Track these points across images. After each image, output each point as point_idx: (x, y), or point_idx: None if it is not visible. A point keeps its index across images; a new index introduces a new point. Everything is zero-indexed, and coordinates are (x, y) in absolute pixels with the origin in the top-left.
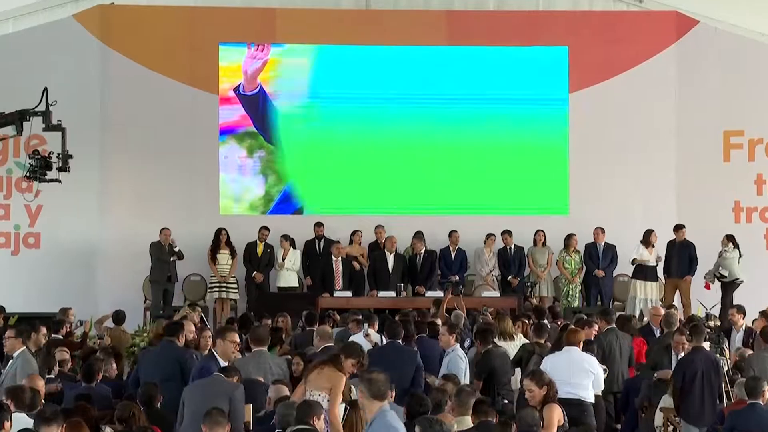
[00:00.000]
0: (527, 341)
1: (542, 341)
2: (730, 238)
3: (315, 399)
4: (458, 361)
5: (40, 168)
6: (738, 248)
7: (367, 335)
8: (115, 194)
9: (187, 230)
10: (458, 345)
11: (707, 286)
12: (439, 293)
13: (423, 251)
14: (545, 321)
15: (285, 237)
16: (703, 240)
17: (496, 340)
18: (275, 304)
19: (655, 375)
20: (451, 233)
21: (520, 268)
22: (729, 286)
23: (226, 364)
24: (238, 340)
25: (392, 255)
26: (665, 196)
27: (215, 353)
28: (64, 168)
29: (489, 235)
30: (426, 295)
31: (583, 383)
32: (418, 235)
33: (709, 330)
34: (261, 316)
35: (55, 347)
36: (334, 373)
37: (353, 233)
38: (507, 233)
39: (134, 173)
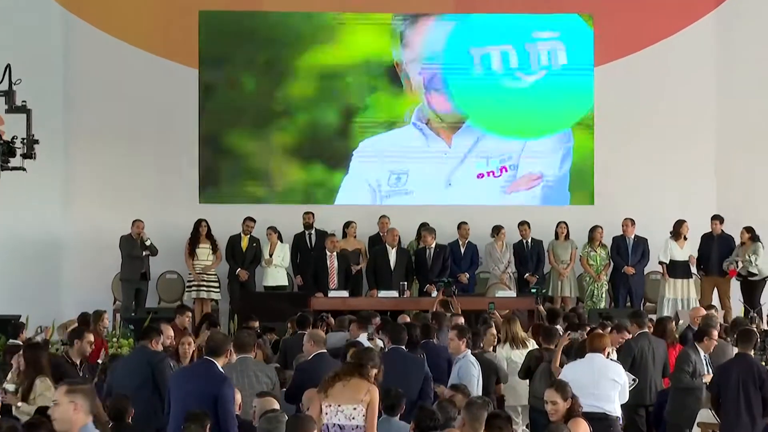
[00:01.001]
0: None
1: (552, 347)
2: (749, 230)
3: (346, 413)
4: (470, 369)
5: (2, 155)
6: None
7: (371, 339)
8: (80, 182)
9: (163, 222)
10: (469, 351)
11: (733, 273)
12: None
13: (434, 246)
14: (558, 325)
15: (273, 229)
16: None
17: (500, 346)
18: (262, 305)
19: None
20: (461, 225)
21: (538, 264)
22: (759, 284)
23: None
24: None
25: (394, 250)
26: (704, 183)
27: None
28: (29, 154)
29: (496, 228)
30: (433, 295)
31: (608, 394)
32: (428, 228)
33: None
34: (247, 318)
35: (12, 354)
36: (365, 384)
37: (347, 225)
38: (524, 225)
39: (102, 158)
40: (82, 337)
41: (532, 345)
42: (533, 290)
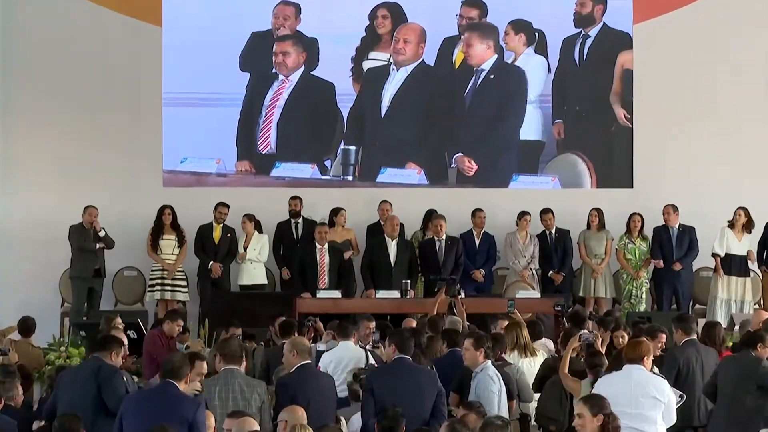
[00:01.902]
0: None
1: (573, 355)
2: None
3: None
4: (489, 384)
5: None
6: None
7: (377, 347)
8: (19, 161)
9: (120, 208)
10: (489, 362)
11: None
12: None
13: (444, 237)
14: (588, 330)
15: (248, 217)
16: None
17: (507, 354)
18: (237, 307)
19: None
20: (475, 213)
21: (564, 260)
22: None
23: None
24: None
25: (395, 242)
26: (763, 162)
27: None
28: None
29: (522, 215)
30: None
31: (648, 415)
32: (440, 216)
33: None
34: (228, 323)
35: None
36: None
37: (335, 212)
38: (548, 213)
39: (48, 134)
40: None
41: (544, 354)
42: (558, 307)
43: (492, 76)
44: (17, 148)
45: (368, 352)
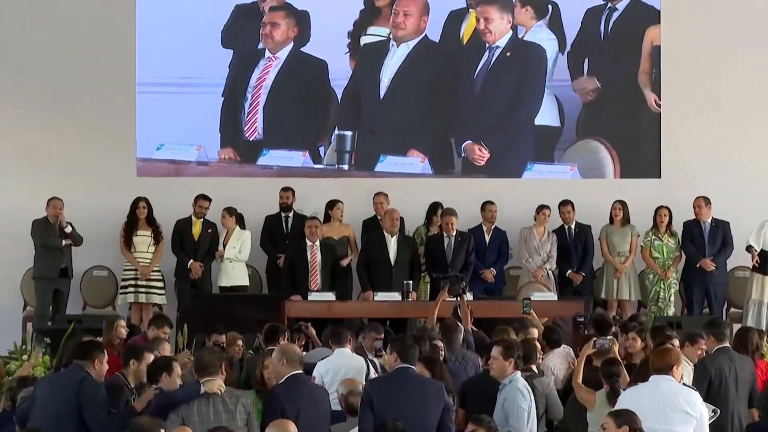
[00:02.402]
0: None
1: (597, 365)
2: None
3: None
4: (518, 398)
5: None
6: None
7: (380, 355)
8: None
9: (89, 200)
10: (518, 374)
11: None
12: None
13: (454, 233)
14: (611, 336)
15: (229, 211)
16: None
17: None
18: (219, 311)
19: None
20: (485, 206)
21: (585, 257)
22: None
23: None
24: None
25: (394, 238)
26: None
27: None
28: None
29: (541, 208)
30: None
31: (679, 431)
32: (451, 211)
33: None
34: (210, 329)
35: None
36: None
37: (330, 205)
38: (567, 205)
39: (10, 119)
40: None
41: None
42: (580, 318)
43: (508, 54)
44: None
45: (369, 362)
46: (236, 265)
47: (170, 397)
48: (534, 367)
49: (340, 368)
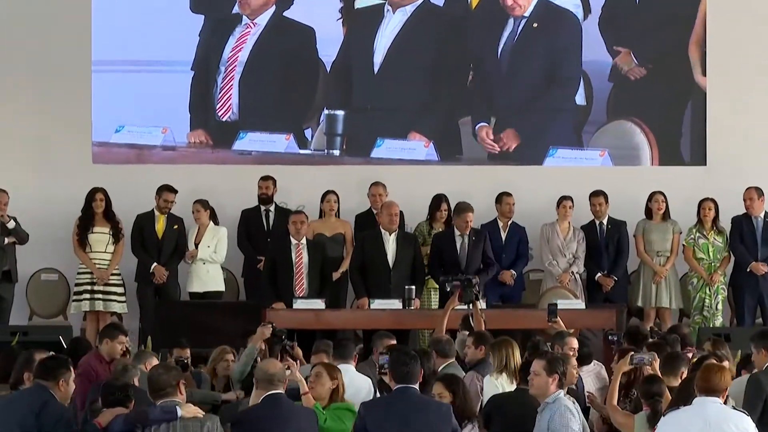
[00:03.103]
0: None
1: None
2: None
3: None
4: (568, 418)
5: None
6: None
7: (384, 372)
8: None
9: (36, 192)
10: (562, 393)
11: None
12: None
13: (468, 231)
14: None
15: (202, 204)
16: None
17: (494, 377)
18: (189, 321)
19: None
20: (501, 198)
21: (618, 259)
22: None
23: None
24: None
25: (393, 236)
26: None
27: None
28: None
29: (563, 200)
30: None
31: None
32: (467, 207)
33: None
34: (174, 343)
35: None
36: None
37: (323, 197)
38: (599, 196)
39: None
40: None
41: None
42: (612, 337)
43: (535, 25)
44: None
45: (376, 383)
46: (211, 267)
47: (143, 416)
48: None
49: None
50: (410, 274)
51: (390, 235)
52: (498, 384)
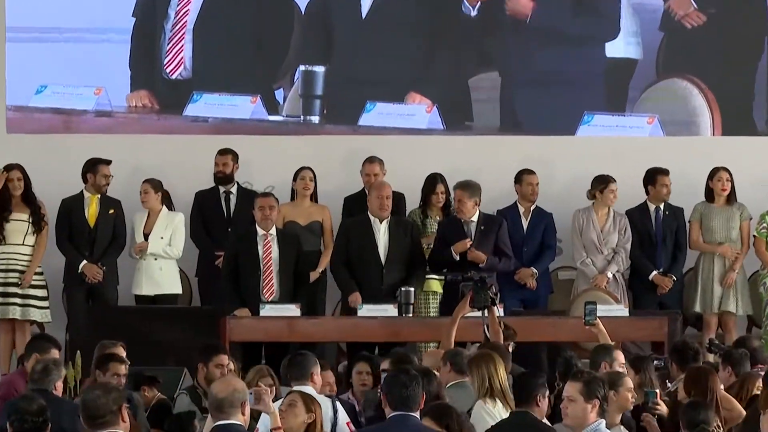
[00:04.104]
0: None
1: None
2: None
3: None
4: None
5: None
6: None
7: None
8: None
9: None
10: (603, 423)
11: None
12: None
13: (477, 217)
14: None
15: (153, 184)
16: None
17: (483, 401)
18: (129, 331)
19: None
20: (523, 176)
21: (676, 253)
22: None
23: None
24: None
25: (385, 224)
26: None
27: None
28: None
29: (601, 181)
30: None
31: None
32: (469, 187)
33: None
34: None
35: None
36: None
37: (298, 174)
38: (665, 175)
39: None
40: None
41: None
42: (657, 362)
43: None
44: None
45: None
46: (165, 264)
47: None
48: None
49: None
50: (406, 272)
51: (381, 223)
52: (489, 411)
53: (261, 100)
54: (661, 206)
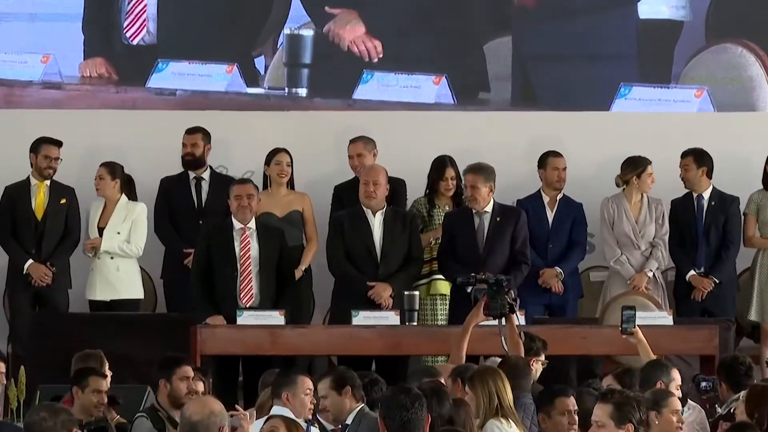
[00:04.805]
0: None
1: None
2: None
3: None
4: None
5: None
6: None
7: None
8: None
9: None
10: None
11: None
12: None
13: (491, 207)
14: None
15: (109, 168)
16: None
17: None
18: (82, 342)
19: None
20: (547, 159)
21: (723, 250)
22: None
23: None
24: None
25: (380, 216)
26: None
27: None
28: None
29: (634, 164)
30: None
31: None
32: (483, 171)
33: None
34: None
35: None
36: None
37: (272, 157)
38: (690, 157)
39: None
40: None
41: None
42: (705, 384)
43: None
44: None
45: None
46: (122, 264)
47: None
48: None
49: None
50: (404, 272)
51: (376, 214)
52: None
53: (238, 69)
54: (706, 195)
